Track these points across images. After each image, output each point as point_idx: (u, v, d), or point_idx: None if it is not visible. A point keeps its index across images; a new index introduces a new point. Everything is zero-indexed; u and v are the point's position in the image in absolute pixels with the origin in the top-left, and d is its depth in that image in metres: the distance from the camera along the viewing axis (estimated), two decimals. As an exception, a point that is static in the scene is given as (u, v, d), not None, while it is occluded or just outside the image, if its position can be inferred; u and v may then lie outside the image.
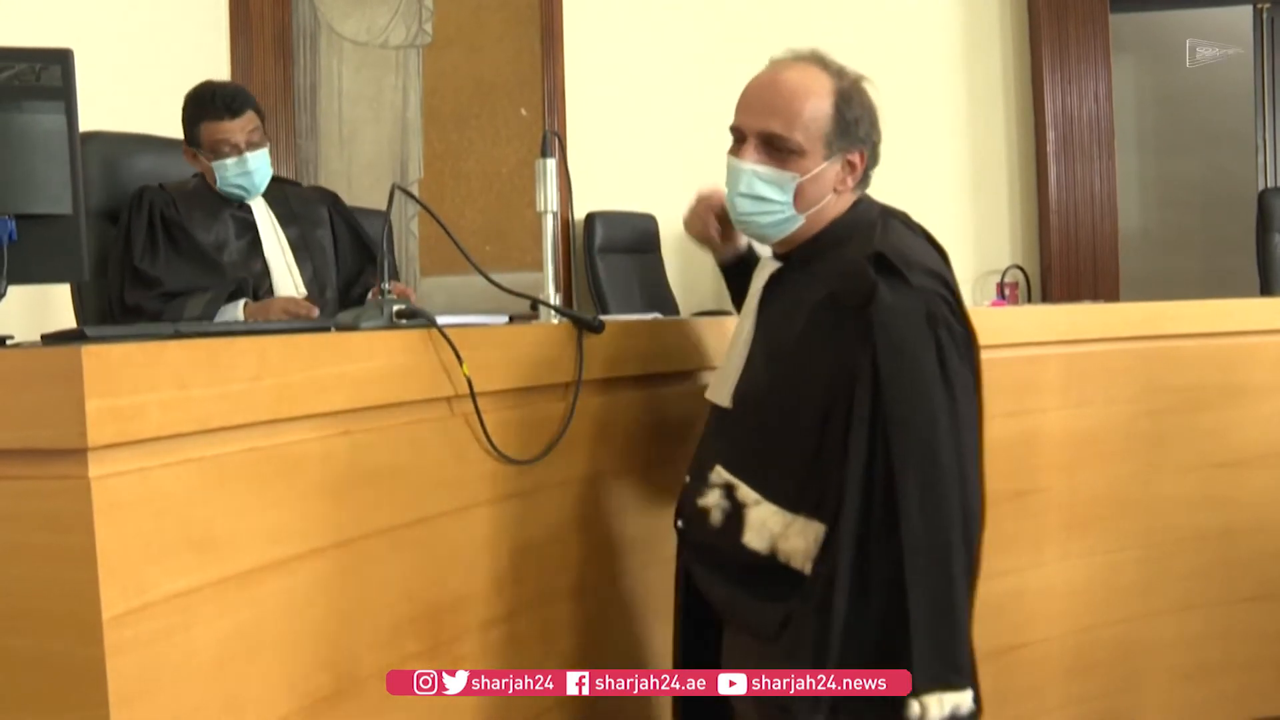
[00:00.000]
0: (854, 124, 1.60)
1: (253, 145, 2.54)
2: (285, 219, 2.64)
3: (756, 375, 1.62)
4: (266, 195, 2.65)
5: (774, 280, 1.68)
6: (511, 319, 1.99)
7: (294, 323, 1.75)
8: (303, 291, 2.53)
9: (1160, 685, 2.55)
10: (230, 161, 2.52)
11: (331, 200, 2.75)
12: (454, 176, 4.41)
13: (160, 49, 3.66)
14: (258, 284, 2.52)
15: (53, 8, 3.21)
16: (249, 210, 2.61)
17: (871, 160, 1.65)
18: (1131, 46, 4.96)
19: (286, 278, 2.57)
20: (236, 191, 2.56)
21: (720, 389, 1.68)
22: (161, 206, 2.51)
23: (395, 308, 1.56)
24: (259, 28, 4.19)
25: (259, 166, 2.55)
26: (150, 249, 2.48)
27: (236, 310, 2.41)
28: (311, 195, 2.75)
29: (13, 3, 3.07)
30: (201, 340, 1.27)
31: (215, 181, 2.55)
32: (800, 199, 1.60)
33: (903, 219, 1.67)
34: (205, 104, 2.53)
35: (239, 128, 2.52)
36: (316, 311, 2.39)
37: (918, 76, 4.34)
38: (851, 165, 1.62)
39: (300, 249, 2.60)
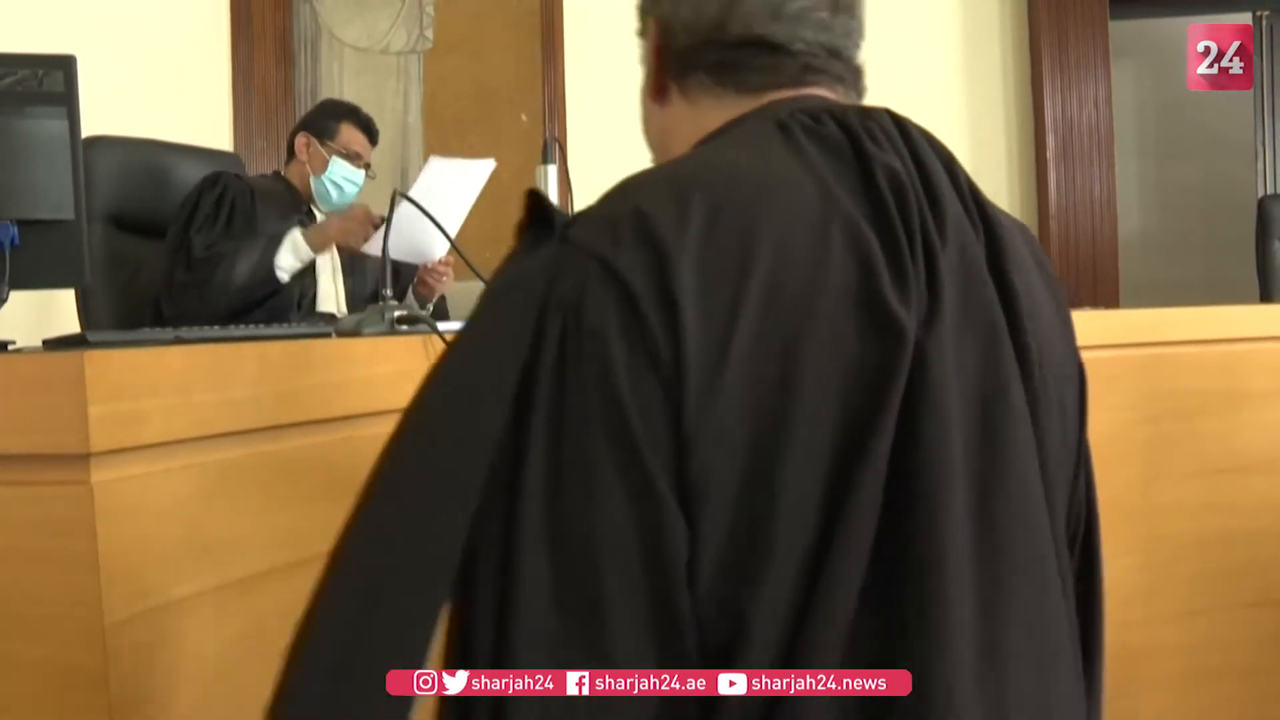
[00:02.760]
0: None
1: (367, 167, 2.75)
2: None
3: None
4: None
5: None
6: (512, 324, 1.99)
7: (297, 328, 1.76)
8: (343, 310, 2.56)
9: (1160, 691, 2.55)
10: (346, 163, 2.68)
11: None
12: (455, 182, 4.41)
13: (161, 54, 3.66)
14: (303, 293, 2.55)
15: (54, 13, 3.22)
16: (313, 222, 2.66)
17: (682, 32, 0.87)
18: (1131, 52, 4.96)
19: (331, 292, 2.60)
20: (326, 188, 2.67)
21: None
22: (235, 194, 2.55)
23: (396, 314, 1.56)
24: (260, 33, 4.19)
25: (359, 184, 2.73)
26: (210, 224, 2.50)
27: (295, 238, 2.48)
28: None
29: (15, 8, 3.08)
30: (204, 345, 1.28)
31: (315, 171, 2.68)
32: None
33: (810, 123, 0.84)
34: (355, 113, 2.78)
35: (369, 149, 2.76)
36: (371, 213, 2.50)
37: (916, 81, 4.34)
38: (658, 48, 0.92)
39: (349, 272, 2.65)
